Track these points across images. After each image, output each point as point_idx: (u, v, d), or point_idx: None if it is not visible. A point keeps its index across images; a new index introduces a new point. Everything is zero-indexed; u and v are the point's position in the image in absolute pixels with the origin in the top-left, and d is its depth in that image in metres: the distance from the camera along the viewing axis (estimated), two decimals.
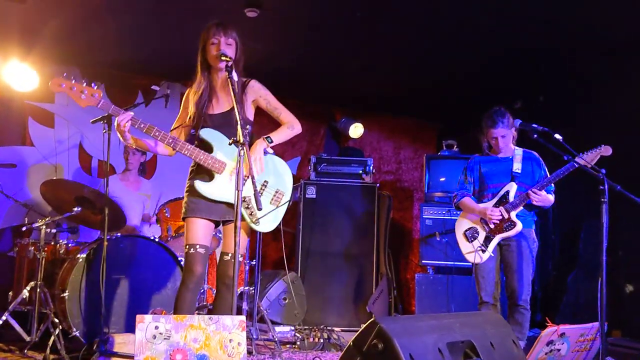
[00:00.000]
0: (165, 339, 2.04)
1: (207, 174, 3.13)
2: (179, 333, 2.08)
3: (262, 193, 3.19)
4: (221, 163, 3.10)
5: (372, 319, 1.99)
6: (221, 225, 3.23)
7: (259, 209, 2.68)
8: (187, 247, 3.09)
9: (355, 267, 5.61)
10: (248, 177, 2.90)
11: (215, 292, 3.33)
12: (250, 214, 3.12)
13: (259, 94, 3.27)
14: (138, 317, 2.06)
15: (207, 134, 3.13)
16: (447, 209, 5.48)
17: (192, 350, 2.06)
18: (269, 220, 3.21)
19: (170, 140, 3.04)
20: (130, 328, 3.69)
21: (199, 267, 3.06)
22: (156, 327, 2.04)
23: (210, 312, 3.71)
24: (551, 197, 3.78)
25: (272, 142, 3.19)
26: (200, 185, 3.08)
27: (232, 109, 3.07)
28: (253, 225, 3.15)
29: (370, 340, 1.95)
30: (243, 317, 2.21)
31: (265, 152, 3.21)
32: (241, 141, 2.67)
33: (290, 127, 3.29)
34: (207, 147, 3.13)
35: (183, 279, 3.10)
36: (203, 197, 3.10)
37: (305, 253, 5.58)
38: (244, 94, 3.21)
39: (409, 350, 1.90)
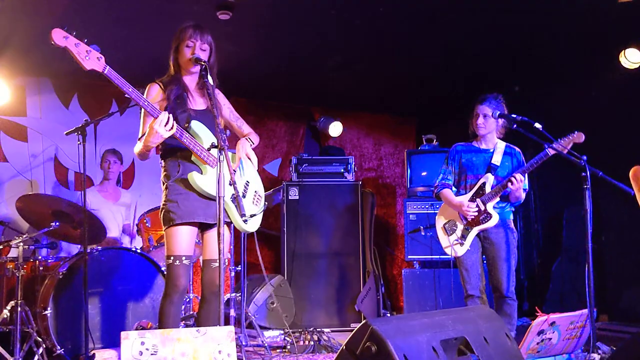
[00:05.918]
0: (152, 354, 1.98)
1: (183, 184, 3.00)
2: (166, 347, 2.01)
3: (245, 194, 3.16)
4: (214, 157, 2.96)
5: (364, 321, 1.95)
6: (199, 232, 3.12)
7: (242, 215, 2.63)
8: (172, 258, 2.94)
9: (342, 267, 5.58)
10: (231, 183, 2.84)
11: (199, 300, 3.24)
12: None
13: (223, 102, 3.25)
14: (123, 333, 1.99)
15: (197, 127, 2.98)
16: (430, 203, 5.46)
17: None
18: (255, 219, 3.20)
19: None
20: (115, 343, 3.61)
21: (183, 280, 2.95)
22: (142, 343, 1.97)
23: (196, 321, 3.63)
24: (523, 194, 3.77)
25: (253, 144, 3.22)
26: (196, 177, 2.94)
27: (207, 109, 3.05)
28: (242, 225, 3.06)
29: (363, 343, 1.91)
30: (232, 328, 2.16)
31: None
32: (221, 146, 2.63)
33: (254, 136, 3.30)
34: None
35: (167, 293, 2.95)
36: (195, 192, 2.96)
37: (290, 255, 5.53)
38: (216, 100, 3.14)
39: (402, 351, 1.86)
